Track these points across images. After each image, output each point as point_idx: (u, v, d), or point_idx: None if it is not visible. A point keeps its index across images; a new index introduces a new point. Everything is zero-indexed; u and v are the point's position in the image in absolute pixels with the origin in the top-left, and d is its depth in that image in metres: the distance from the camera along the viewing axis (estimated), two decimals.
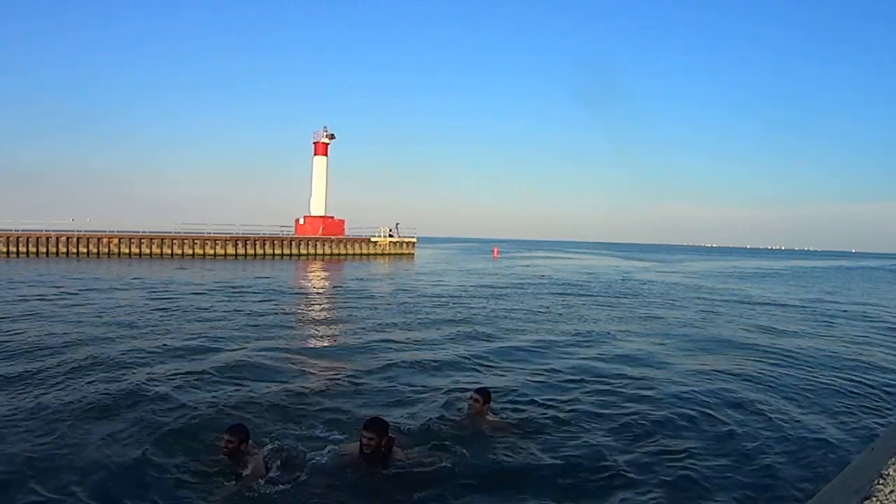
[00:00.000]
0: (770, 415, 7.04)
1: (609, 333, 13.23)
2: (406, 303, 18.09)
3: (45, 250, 38.30)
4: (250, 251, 43.25)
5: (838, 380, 9.08)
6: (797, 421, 6.88)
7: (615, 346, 11.56)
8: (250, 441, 4.94)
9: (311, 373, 8.76)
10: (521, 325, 14.24)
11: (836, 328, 15.47)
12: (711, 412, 7.03)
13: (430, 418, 6.29)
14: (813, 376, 9.31)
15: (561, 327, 14.03)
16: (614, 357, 10.44)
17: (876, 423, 7.00)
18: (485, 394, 6.15)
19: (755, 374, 9.32)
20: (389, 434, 4.98)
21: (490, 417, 6.17)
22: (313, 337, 12.44)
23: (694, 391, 7.97)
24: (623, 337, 12.78)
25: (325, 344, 11.65)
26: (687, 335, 13.34)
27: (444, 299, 19.31)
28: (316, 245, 47.02)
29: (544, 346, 11.34)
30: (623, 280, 31.96)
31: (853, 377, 9.27)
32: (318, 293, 21.53)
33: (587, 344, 11.84)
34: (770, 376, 9.15)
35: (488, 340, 11.83)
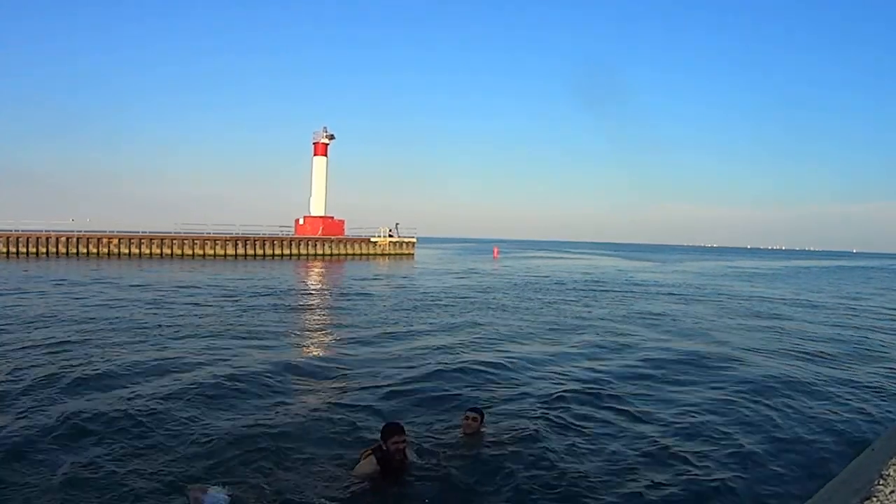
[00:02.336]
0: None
1: (613, 335, 13.18)
2: (406, 304, 18.08)
3: (45, 250, 38.29)
4: (250, 251, 43.23)
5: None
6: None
7: (621, 350, 11.38)
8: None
9: (307, 377, 8.62)
10: (523, 325, 14.20)
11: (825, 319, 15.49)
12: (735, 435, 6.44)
13: (427, 436, 5.97)
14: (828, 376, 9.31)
15: (565, 328, 13.99)
16: (621, 362, 10.19)
17: None
18: (479, 412, 5.92)
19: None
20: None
21: (487, 435, 5.87)
22: (310, 339, 12.41)
23: (706, 408, 7.47)
24: (628, 339, 12.65)
25: (322, 347, 11.60)
26: (691, 338, 13.33)
27: (444, 300, 19.30)
28: (316, 245, 47.01)
29: (550, 350, 11.13)
30: (623, 280, 31.96)
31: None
32: (317, 294, 21.51)
33: (593, 347, 11.64)
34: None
35: (491, 343, 11.66)
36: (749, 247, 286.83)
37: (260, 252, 43.61)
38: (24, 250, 37.89)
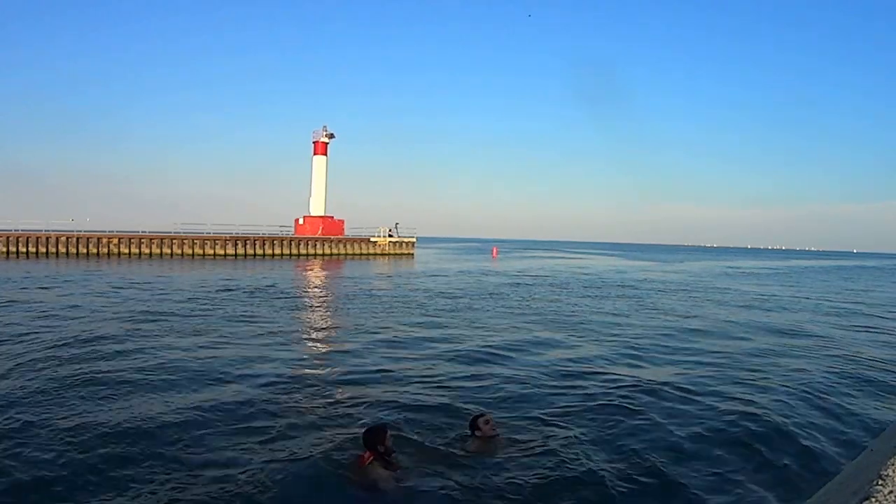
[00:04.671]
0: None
1: (615, 333, 13.13)
2: (406, 303, 18.06)
3: (44, 250, 38.26)
4: (250, 251, 43.22)
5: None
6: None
7: (628, 349, 11.26)
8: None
9: (304, 381, 8.36)
10: (525, 325, 14.13)
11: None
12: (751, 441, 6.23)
13: (437, 440, 5.83)
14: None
15: (568, 327, 13.91)
16: (632, 361, 10.09)
17: None
18: (487, 416, 5.82)
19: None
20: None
21: (500, 441, 5.71)
22: (308, 338, 12.33)
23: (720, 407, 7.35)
24: (631, 338, 12.56)
25: (320, 346, 11.57)
26: (697, 336, 13.31)
27: (444, 300, 19.27)
28: (315, 245, 47.00)
29: (556, 350, 11.03)
30: (624, 278, 31.94)
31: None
32: (316, 293, 21.50)
33: (601, 346, 11.54)
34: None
35: (496, 344, 11.46)
36: (749, 247, 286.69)
37: (260, 252, 43.60)
38: (24, 250, 37.86)
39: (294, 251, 45.37)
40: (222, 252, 42.27)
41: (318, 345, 11.64)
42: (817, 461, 5.64)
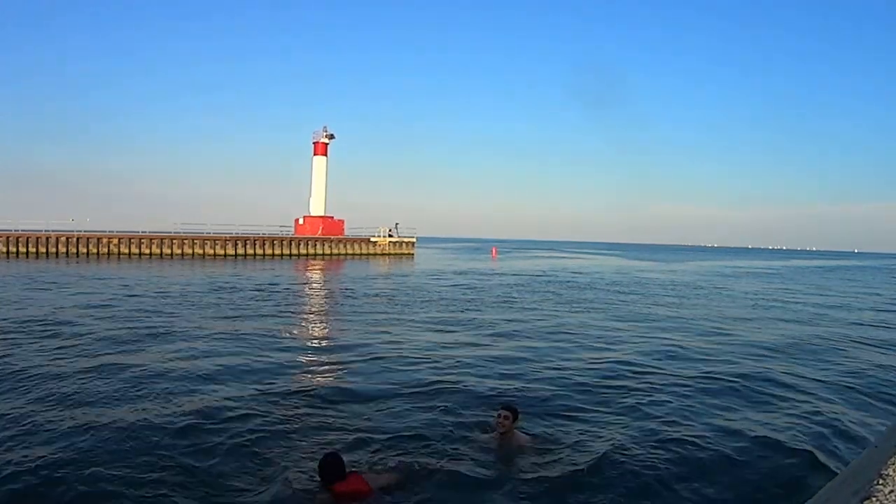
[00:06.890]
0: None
1: (620, 332, 13.12)
2: (407, 302, 18.04)
3: (44, 250, 38.23)
4: (250, 251, 43.20)
5: None
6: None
7: (634, 347, 11.25)
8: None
9: (311, 383, 8.37)
10: (526, 323, 14.13)
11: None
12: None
13: (452, 438, 5.76)
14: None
15: (568, 325, 13.91)
16: (637, 359, 10.04)
17: None
18: (513, 410, 5.60)
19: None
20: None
21: (520, 436, 5.63)
22: (307, 340, 12.30)
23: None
24: (638, 335, 12.59)
25: (322, 345, 11.56)
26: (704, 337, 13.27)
27: (444, 300, 19.25)
28: (315, 245, 46.99)
29: (561, 347, 11.03)
30: (626, 278, 31.90)
31: None
32: (316, 293, 21.48)
33: (607, 343, 11.59)
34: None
35: (496, 342, 11.50)
36: (750, 247, 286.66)
37: (260, 252, 43.58)
38: (24, 250, 37.83)
39: (294, 251, 45.35)
40: (222, 252, 42.24)
41: (316, 344, 11.62)
42: None
